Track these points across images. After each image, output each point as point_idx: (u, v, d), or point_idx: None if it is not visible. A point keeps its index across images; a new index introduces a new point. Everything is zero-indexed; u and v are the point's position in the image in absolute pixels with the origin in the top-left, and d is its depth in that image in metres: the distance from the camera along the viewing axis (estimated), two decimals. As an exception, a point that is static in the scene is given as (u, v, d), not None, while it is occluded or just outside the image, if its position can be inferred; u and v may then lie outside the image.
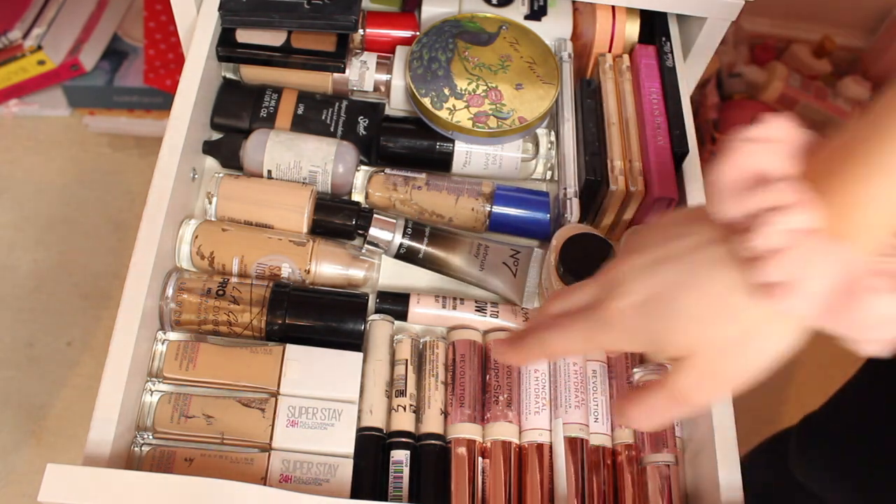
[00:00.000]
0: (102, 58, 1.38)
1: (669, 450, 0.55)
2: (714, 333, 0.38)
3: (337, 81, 0.68)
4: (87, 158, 1.39)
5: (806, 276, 0.34)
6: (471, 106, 0.64)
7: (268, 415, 0.53)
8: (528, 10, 0.71)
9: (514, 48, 0.67)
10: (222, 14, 0.64)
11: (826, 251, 0.34)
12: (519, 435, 0.56)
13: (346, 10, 0.65)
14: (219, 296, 0.56)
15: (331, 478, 0.52)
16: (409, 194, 0.64)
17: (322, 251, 0.60)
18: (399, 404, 0.56)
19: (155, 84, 1.35)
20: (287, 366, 0.55)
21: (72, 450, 1.15)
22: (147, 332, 0.54)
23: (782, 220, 0.34)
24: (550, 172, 0.67)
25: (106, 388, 0.50)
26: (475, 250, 0.62)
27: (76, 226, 1.32)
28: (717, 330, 0.38)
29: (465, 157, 0.66)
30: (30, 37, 1.31)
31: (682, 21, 0.72)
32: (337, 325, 0.57)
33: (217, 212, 0.61)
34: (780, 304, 0.35)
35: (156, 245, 0.54)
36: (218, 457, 0.52)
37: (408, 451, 0.54)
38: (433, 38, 0.67)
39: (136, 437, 0.53)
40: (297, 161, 0.62)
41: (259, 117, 0.66)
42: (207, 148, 0.65)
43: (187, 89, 0.61)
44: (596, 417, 0.57)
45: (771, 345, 0.38)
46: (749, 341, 0.37)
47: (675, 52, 0.69)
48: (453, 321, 0.60)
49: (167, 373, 0.54)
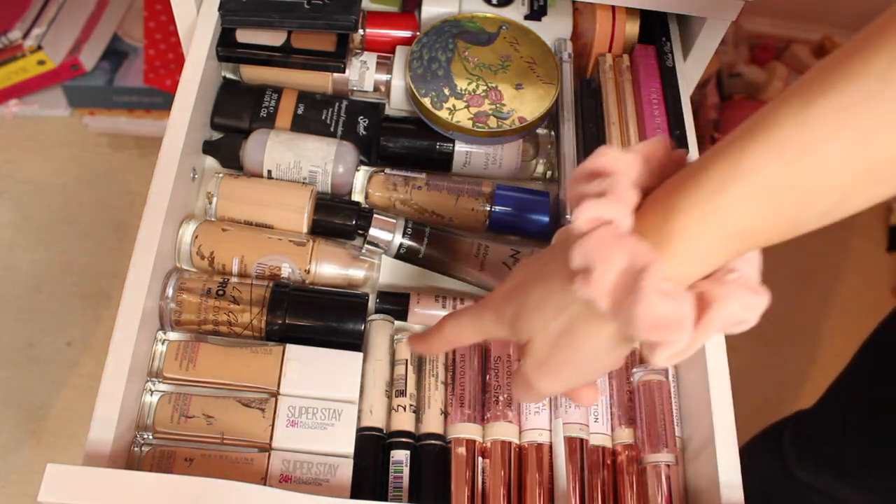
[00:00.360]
0: (102, 58, 1.38)
1: (669, 450, 0.55)
2: (545, 323, 0.40)
3: (337, 81, 0.68)
4: (87, 158, 1.39)
5: (600, 263, 0.35)
6: (471, 106, 0.64)
7: (268, 415, 0.53)
8: (528, 10, 0.71)
9: (514, 48, 0.67)
10: (222, 14, 0.64)
11: (621, 242, 0.35)
12: (519, 435, 0.56)
13: (346, 10, 0.65)
14: (219, 296, 0.56)
15: (331, 478, 0.52)
16: (409, 194, 0.64)
17: (322, 251, 0.60)
18: (399, 404, 0.56)
19: (155, 84, 1.35)
20: (287, 366, 0.55)
21: (72, 450, 1.15)
22: (147, 332, 0.54)
23: (594, 205, 0.36)
24: (550, 172, 0.67)
25: (106, 388, 0.50)
26: (475, 250, 0.62)
27: (76, 226, 1.32)
28: (548, 320, 0.40)
29: (465, 157, 0.66)
30: (30, 37, 1.31)
31: (682, 21, 0.72)
32: (337, 325, 0.57)
33: (217, 212, 0.61)
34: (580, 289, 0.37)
35: (156, 245, 0.54)
36: (218, 457, 0.52)
37: (408, 451, 0.54)
38: (433, 38, 0.67)
39: (136, 437, 0.53)
40: (297, 161, 0.62)
41: (259, 117, 0.66)
42: (207, 148, 0.65)
43: (187, 89, 0.61)
44: (596, 417, 0.57)
45: (589, 341, 0.39)
46: (572, 334, 0.39)
47: (675, 52, 0.69)
48: (453, 321, 0.60)
49: (167, 373, 0.54)
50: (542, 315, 0.40)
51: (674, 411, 0.57)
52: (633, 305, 0.35)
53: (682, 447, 0.57)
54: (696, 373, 0.56)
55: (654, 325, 0.35)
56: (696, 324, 0.36)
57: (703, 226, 0.35)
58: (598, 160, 0.39)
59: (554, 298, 0.40)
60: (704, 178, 0.35)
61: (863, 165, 0.32)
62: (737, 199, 0.34)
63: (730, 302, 0.36)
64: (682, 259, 0.36)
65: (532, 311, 0.41)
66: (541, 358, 0.41)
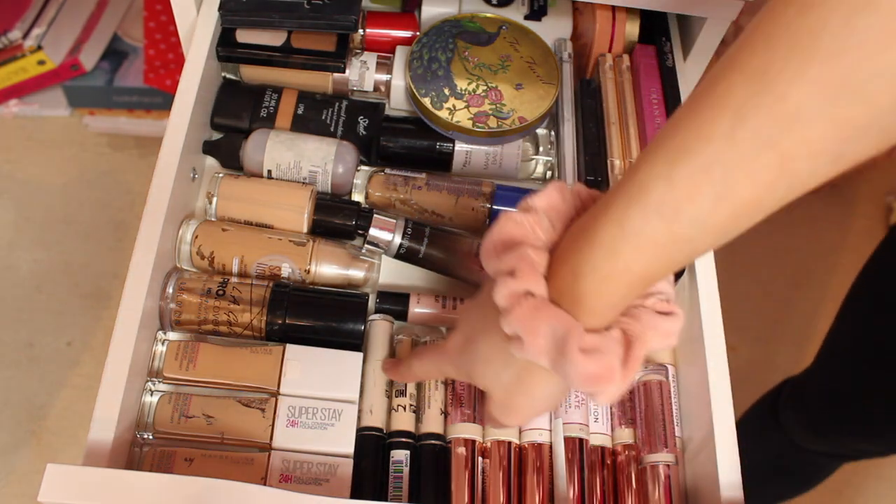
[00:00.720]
0: (102, 58, 1.38)
1: (669, 450, 0.55)
2: (496, 374, 0.44)
3: (337, 81, 0.68)
4: (87, 158, 1.39)
5: (528, 334, 0.39)
6: (471, 106, 0.64)
7: (268, 415, 0.53)
8: (528, 10, 0.71)
9: (514, 48, 0.67)
10: (222, 14, 0.64)
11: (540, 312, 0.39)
12: (519, 435, 0.56)
13: (346, 10, 0.65)
14: (219, 296, 0.56)
15: (331, 478, 0.52)
16: (409, 194, 0.64)
17: (322, 251, 0.60)
18: (399, 404, 0.56)
19: (155, 84, 1.35)
20: (287, 366, 0.55)
21: (72, 450, 1.15)
22: (147, 332, 0.54)
23: (509, 284, 0.40)
24: (550, 172, 0.67)
25: (106, 388, 0.50)
26: (475, 250, 0.62)
27: (76, 226, 1.32)
28: (498, 372, 0.44)
29: (465, 157, 0.66)
30: (30, 37, 1.31)
31: (682, 21, 0.72)
32: (337, 325, 0.57)
33: (217, 212, 0.61)
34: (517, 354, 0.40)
35: (156, 245, 0.54)
36: (218, 457, 0.52)
37: (408, 451, 0.54)
38: (433, 38, 0.67)
39: (136, 437, 0.53)
40: (297, 161, 0.62)
41: (259, 117, 0.66)
42: (207, 148, 0.65)
43: (187, 89, 0.61)
44: (596, 417, 0.57)
45: (539, 388, 0.44)
46: (521, 384, 0.44)
47: (675, 52, 0.69)
48: (453, 321, 0.60)
49: (167, 373, 0.54)
50: (493, 368, 0.44)
51: (674, 411, 0.57)
52: (565, 367, 0.38)
53: (682, 447, 0.57)
54: (696, 373, 0.56)
55: (587, 381, 0.39)
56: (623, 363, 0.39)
57: (606, 285, 0.38)
58: (503, 230, 0.42)
59: (499, 353, 0.43)
60: (597, 241, 0.38)
61: (730, 211, 0.35)
62: (629, 258, 0.37)
63: (649, 337, 0.40)
64: (597, 312, 0.39)
65: (483, 365, 0.45)
66: (501, 403, 0.45)
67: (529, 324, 0.39)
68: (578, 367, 0.38)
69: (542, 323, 0.39)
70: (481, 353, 0.45)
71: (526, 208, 0.42)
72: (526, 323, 0.39)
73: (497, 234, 0.42)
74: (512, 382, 0.44)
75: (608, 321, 0.40)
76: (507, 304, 0.40)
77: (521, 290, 0.40)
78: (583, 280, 0.39)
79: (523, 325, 0.39)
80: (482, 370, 0.45)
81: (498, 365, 0.44)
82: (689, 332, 0.58)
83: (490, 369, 0.44)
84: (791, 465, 0.94)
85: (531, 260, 0.40)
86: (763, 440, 0.93)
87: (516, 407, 0.45)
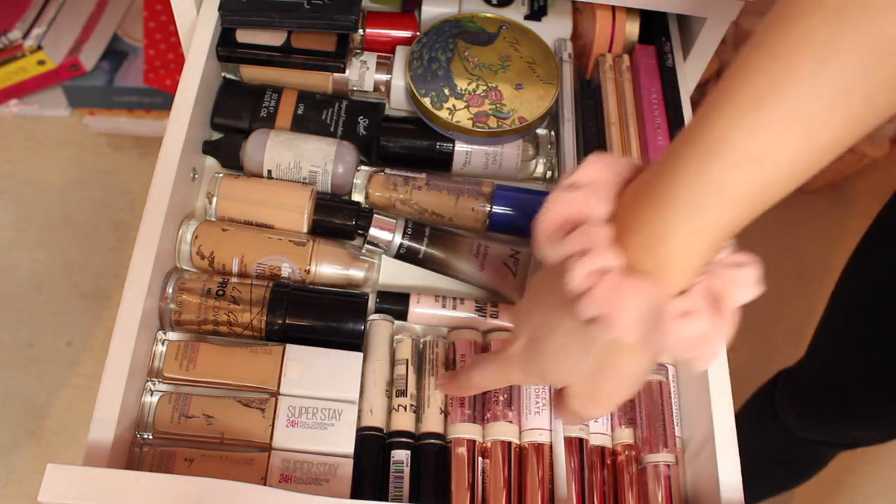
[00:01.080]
0: (102, 58, 1.38)
1: (669, 450, 0.55)
2: (576, 366, 0.42)
3: (337, 81, 0.68)
4: (87, 158, 1.39)
5: (615, 310, 0.37)
6: (471, 106, 0.64)
7: (268, 415, 0.53)
8: (528, 10, 0.71)
9: (514, 48, 0.67)
10: (222, 14, 0.64)
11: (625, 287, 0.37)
12: (519, 435, 0.56)
13: (346, 10, 0.65)
14: (219, 296, 0.56)
15: (331, 478, 0.52)
16: (409, 194, 0.64)
17: (322, 251, 0.60)
18: (399, 404, 0.56)
19: (155, 84, 1.35)
20: (287, 366, 0.55)
21: (72, 450, 1.15)
22: (147, 332, 0.54)
23: (585, 264, 0.38)
24: (550, 172, 0.67)
25: (106, 388, 0.50)
26: (475, 250, 0.62)
27: (76, 226, 1.32)
28: (578, 363, 0.42)
29: (465, 157, 0.66)
30: (30, 37, 1.31)
31: (682, 21, 0.72)
32: (337, 325, 0.57)
33: (217, 212, 0.61)
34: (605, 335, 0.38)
35: (156, 245, 0.54)
36: (218, 457, 0.52)
37: (408, 451, 0.54)
38: (433, 38, 0.67)
39: (136, 437, 0.53)
40: (297, 161, 0.62)
41: (259, 117, 0.66)
42: (207, 148, 0.65)
43: (187, 89, 0.61)
44: (596, 417, 0.57)
45: (629, 369, 0.42)
46: (606, 368, 0.42)
47: (675, 52, 0.69)
48: (453, 321, 0.60)
49: (167, 373, 0.54)
50: (570, 360, 0.42)
51: (674, 411, 0.57)
52: (664, 338, 0.37)
53: (682, 447, 0.57)
54: (696, 373, 0.56)
55: (687, 347, 0.37)
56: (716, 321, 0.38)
57: (689, 245, 0.37)
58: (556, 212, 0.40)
59: (575, 343, 0.41)
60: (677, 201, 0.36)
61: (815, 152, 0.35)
62: (713, 213, 0.36)
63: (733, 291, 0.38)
64: (680, 276, 0.38)
65: (558, 361, 0.43)
66: (585, 396, 0.44)
67: (615, 300, 0.37)
68: (677, 334, 0.37)
69: (628, 297, 0.37)
70: (553, 349, 0.43)
71: (571, 185, 0.40)
72: (611, 300, 0.37)
73: (550, 218, 0.40)
74: (595, 370, 0.42)
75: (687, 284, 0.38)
76: (586, 284, 0.38)
77: (597, 267, 0.38)
78: (664, 244, 0.37)
79: (608, 304, 0.37)
80: (557, 366, 0.43)
81: (576, 356, 0.42)
82: (689, 332, 0.58)
83: (567, 362, 0.42)
84: (788, 455, 0.94)
85: (599, 235, 0.38)
86: (760, 430, 0.93)
87: (602, 395, 0.43)
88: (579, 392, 0.44)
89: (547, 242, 0.40)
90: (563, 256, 0.39)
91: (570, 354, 0.42)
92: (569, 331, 0.41)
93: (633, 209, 0.39)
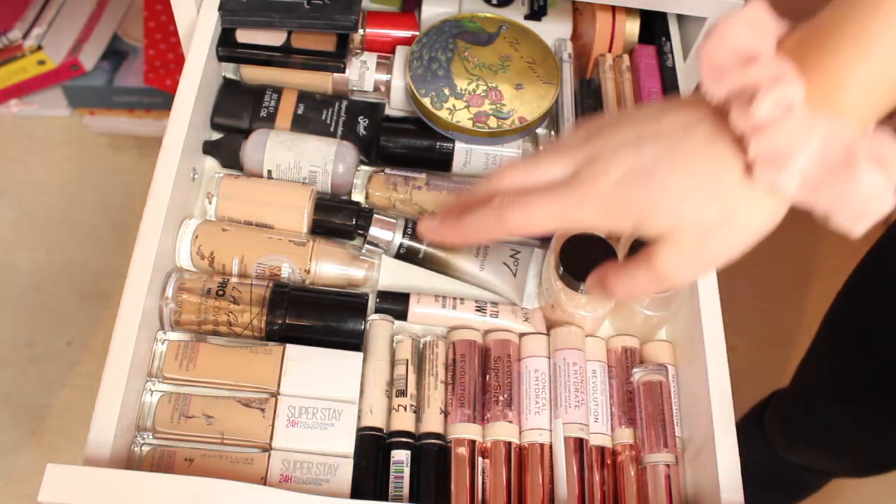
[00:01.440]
0: (102, 58, 1.38)
1: (669, 450, 0.55)
2: (698, 211, 0.37)
3: (337, 81, 0.68)
4: (87, 158, 1.39)
5: (794, 150, 0.34)
6: (471, 106, 0.64)
7: (268, 415, 0.53)
8: (528, 10, 0.71)
9: (514, 48, 0.67)
10: (222, 14, 0.64)
11: (813, 125, 0.34)
12: (519, 435, 0.56)
13: (346, 10, 0.65)
14: (219, 296, 0.56)
15: (331, 478, 0.52)
16: (409, 194, 0.64)
17: (322, 251, 0.60)
18: (399, 404, 0.56)
19: (155, 84, 1.35)
20: (287, 366, 0.55)
21: (72, 450, 1.15)
22: (147, 332, 0.54)
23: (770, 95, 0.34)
24: (550, 172, 0.67)
25: (106, 388, 0.50)
26: (475, 250, 0.62)
27: (76, 226, 1.32)
28: (702, 207, 0.37)
29: (465, 157, 0.66)
30: (30, 37, 1.31)
31: (682, 21, 0.72)
32: (337, 325, 0.57)
33: (217, 212, 0.61)
34: (767, 179, 0.35)
35: (156, 245, 0.54)
36: (218, 457, 0.52)
37: (408, 451, 0.54)
38: (433, 38, 0.67)
39: (136, 437, 0.53)
40: (297, 161, 0.62)
41: (259, 117, 0.66)
42: (207, 148, 0.65)
43: (187, 89, 0.61)
44: (596, 417, 0.57)
45: (753, 223, 0.37)
46: (732, 219, 0.37)
47: (675, 52, 0.69)
48: (453, 321, 0.60)
49: (167, 373, 0.54)
50: (692, 203, 0.37)
51: (674, 411, 0.57)
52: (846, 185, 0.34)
53: (682, 447, 0.57)
54: (695, 373, 0.56)
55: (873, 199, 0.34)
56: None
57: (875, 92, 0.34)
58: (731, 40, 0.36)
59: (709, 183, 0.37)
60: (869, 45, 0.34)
61: None
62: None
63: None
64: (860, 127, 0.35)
65: (679, 203, 0.37)
66: (692, 248, 0.38)
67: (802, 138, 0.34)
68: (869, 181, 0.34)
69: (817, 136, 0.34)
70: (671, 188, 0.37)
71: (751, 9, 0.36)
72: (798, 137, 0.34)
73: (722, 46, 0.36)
74: (717, 220, 0.37)
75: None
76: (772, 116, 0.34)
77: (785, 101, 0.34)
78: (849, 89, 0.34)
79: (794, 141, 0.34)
80: (673, 209, 0.37)
81: (702, 198, 0.37)
82: (689, 332, 0.58)
83: (687, 205, 0.37)
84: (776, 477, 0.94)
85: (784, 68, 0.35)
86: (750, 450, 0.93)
87: (709, 255, 0.38)
88: (685, 242, 0.38)
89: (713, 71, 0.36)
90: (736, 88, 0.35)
91: (695, 197, 0.37)
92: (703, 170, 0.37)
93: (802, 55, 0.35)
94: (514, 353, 0.58)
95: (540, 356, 0.58)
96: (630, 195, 0.38)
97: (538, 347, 0.59)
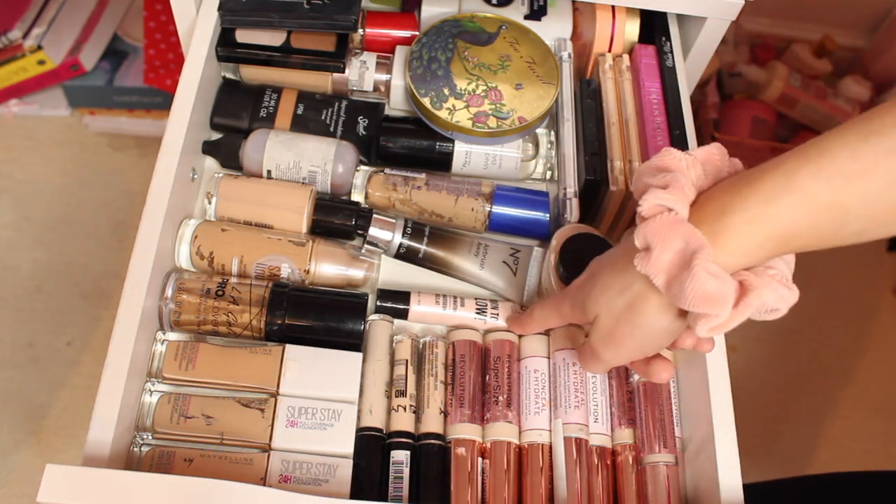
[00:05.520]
0: (102, 58, 1.38)
1: (669, 450, 0.55)
2: (610, 301, 0.46)
3: (337, 81, 0.68)
4: (87, 158, 1.39)
5: (659, 243, 0.41)
6: (470, 106, 0.64)
7: (267, 415, 0.53)
8: (528, 10, 0.71)
9: (513, 48, 0.67)
10: (222, 14, 0.64)
11: (678, 227, 0.41)
12: (519, 435, 0.56)
13: (345, 10, 0.65)
14: (218, 296, 0.56)
15: (330, 478, 0.52)
16: (409, 194, 0.64)
17: (322, 251, 0.60)
18: (399, 404, 0.56)
19: (155, 84, 1.35)
20: (286, 366, 0.55)
21: (72, 450, 1.15)
22: (146, 333, 0.54)
23: (655, 195, 0.42)
24: (550, 172, 0.67)
25: (106, 388, 0.50)
26: (475, 250, 0.62)
27: (76, 226, 1.32)
28: (613, 298, 0.46)
29: (465, 157, 0.66)
30: (30, 37, 1.30)
31: (682, 21, 0.72)
32: (336, 325, 0.57)
33: (217, 212, 0.61)
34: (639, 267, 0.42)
35: (155, 245, 0.54)
36: (217, 457, 0.52)
37: (408, 452, 0.54)
38: (433, 38, 0.67)
39: (136, 438, 0.53)
40: (296, 161, 0.62)
41: (259, 117, 0.66)
42: (207, 148, 0.65)
43: (187, 89, 0.61)
44: (596, 417, 0.57)
45: (649, 318, 0.45)
46: (633, 310, 0.45)
47: (675, 52, 0.69)
48: (453, 321, 0.60)
49: (167, 373, 0.54)
50: (609, 295, 0.46)
51: (674, 411, 0.57)
52: (686, 281, 0.40)
53: (682, 447, 0.57)
54: (696, 373, 0.56)
55: (701, 300, 0.40)
56: (735, 304, 0.41)
57: (752, 226, 0.41)
58: (663, 159, 0.45)
59: (619, 280, 0.46)
60: (759, 186, 0.40)
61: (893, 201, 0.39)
62: (784, 210, 0.40)
63: (766, 291, 0.42)
64: (730, 251, 0.41)
65: (600, 293, 0.47)
66: (606, 331, 0.47)
67: (665, 234, 0.41)
68: (699, 282, 0.40)
69: (677, 236, 0.41)
70: (601, 282, 0.47)
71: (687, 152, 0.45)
72: (662, 233, 0.41)
73: (656, 160, 0.45)
74: (623, 311, 0.46)
75: (732, 269, 0.42)
76: (650, 212, 0.42)
77: (666, 203, 0.42)
78: (729, 215, 0.41)
79: (659, 235, 0.41)
80: (597, 297, 0.47)
81: (614, 291, 0.46)
82: (688, 332, 0.58)
83: (605, 296, 0.46)
84: None
85: (682, 184, 0.43)
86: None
87: (618, 337, 0.47)
88: (602, 326, 0.47)
89: (640, 175, 0.45)
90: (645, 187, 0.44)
91: (609, 290, 0.46)
92: (618, 269, 0.46)
93: (720, 187, 0.43)
94: (514, 353, 0.58)
95: (540, 356, 0.58)
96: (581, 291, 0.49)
97: (538, 348, 0.59)
